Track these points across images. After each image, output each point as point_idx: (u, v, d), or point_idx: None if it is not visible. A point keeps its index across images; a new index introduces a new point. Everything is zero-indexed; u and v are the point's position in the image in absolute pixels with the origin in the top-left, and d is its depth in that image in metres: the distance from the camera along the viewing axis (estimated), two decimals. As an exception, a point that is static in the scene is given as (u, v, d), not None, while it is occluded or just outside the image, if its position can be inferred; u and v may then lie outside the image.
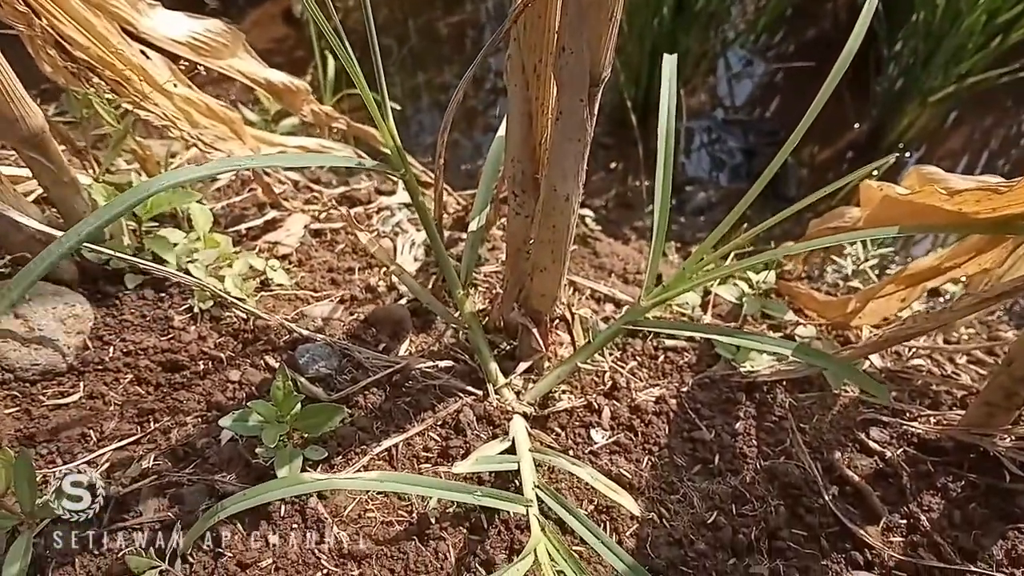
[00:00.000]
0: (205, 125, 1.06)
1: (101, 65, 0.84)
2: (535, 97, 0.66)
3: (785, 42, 2.65)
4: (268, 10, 2.54)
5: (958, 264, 0.83)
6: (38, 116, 0.75)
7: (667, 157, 0.78)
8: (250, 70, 0.99)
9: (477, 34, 2.68)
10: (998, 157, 2.45)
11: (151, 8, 0.84)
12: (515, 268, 0.83)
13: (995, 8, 1.84)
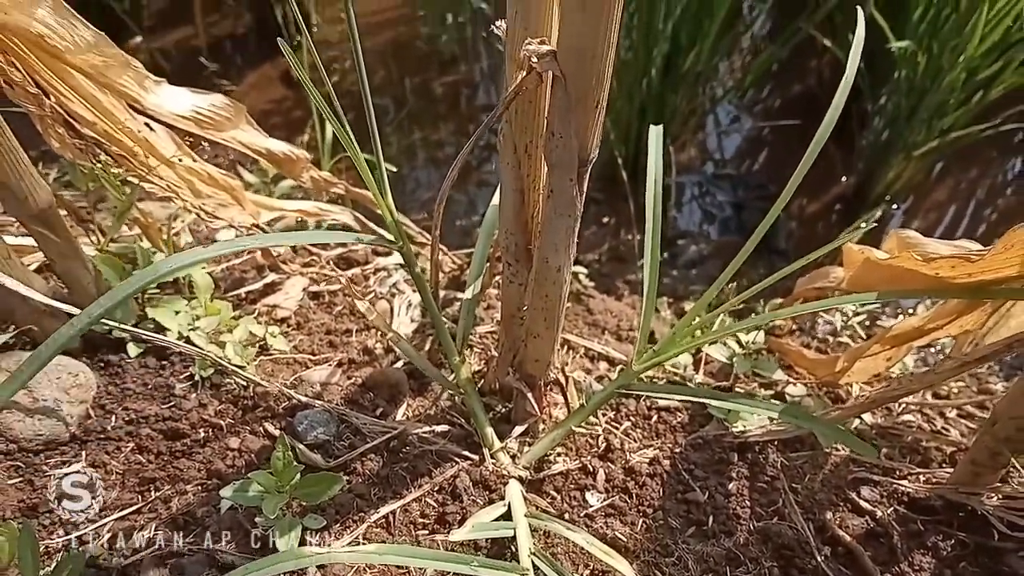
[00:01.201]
0: (207, 193, 1.09)
1: (107, 140, 0.87)
2: (527, 175, 0.69)
3: (772, 97, 2.72)
4: (267, 72, 2.60)
5: (940, 326, 0.85)
6: (46, 192, 0.78)
7: (655, 232, 0.80)
8: (251, 141, 1.02)
9: (471, 92, 2.74)
10: (985, 206, 2.50)
11: (157, 85, 0.87)
12: (510, 333, 0.85)
13: (975, 66, 1.89)
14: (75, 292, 0.88)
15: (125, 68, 0.83)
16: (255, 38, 2.65)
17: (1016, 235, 0.62)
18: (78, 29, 0.76)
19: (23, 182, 0.75)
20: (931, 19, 1.91)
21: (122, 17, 2.54)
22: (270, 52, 2.65)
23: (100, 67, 0.80)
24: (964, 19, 1.83)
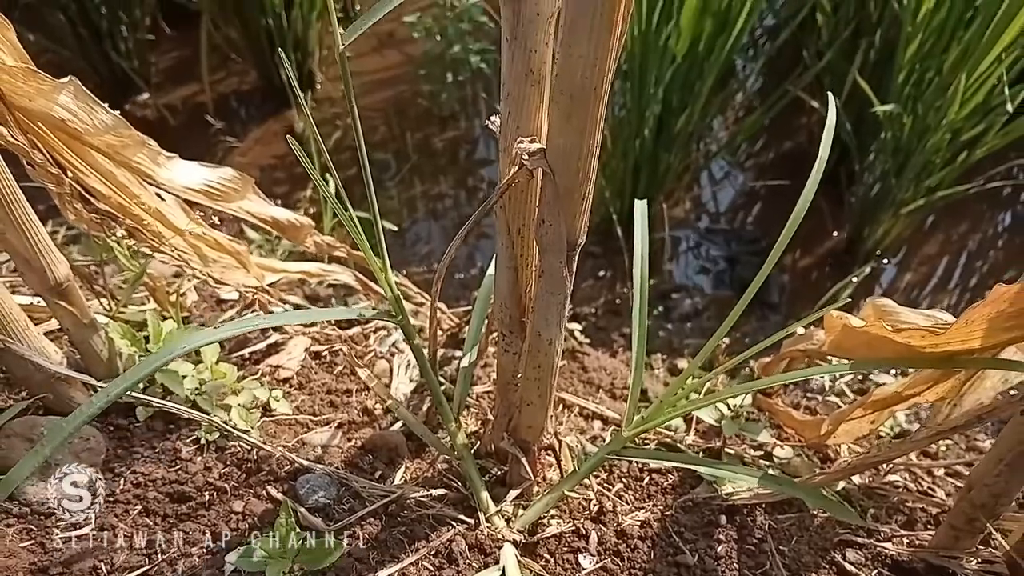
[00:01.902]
0: (214, 258, 1.13)
1: (121, 213, 0.92)
2: (520, 254, 0.73)
3: (764, 153, 2.78)
4: (271, 127, 2.67)
5: (918, 392, 0.88)
6: (64, 266, 0.82)
7: (642, 306, 0.84)
8: (258, 210, 1.07)
9: (471, 147, 2.81)
10: (976, 259, 2.55)
11: (169, 160, 0.92)
12: (505, 399, 0.88)
13: (958, 127, 1.95)
14: (87, 358, 0.91)
15: (140, 147, 0.88)
16: (260, 95, 2.73)
17: (976, 311, 0.66)
18: (97, 113, 0.81)
19: (43, 257, 0.79)
20: (915, 82, 1.98)
21: (130, 74, 2.61)
22: (274, 108, 2.72)
23: (117, 146, 0.85)
24: (947, 82, 1.89)
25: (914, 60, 1.91)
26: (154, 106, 2.63)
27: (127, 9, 2.47)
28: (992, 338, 0.67)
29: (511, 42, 0.56)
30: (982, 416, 0.74)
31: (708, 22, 1.88)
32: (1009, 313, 0.63)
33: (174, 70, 2.79)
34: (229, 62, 2.79)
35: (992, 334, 0.66)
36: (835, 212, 2.49)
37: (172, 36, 2.82)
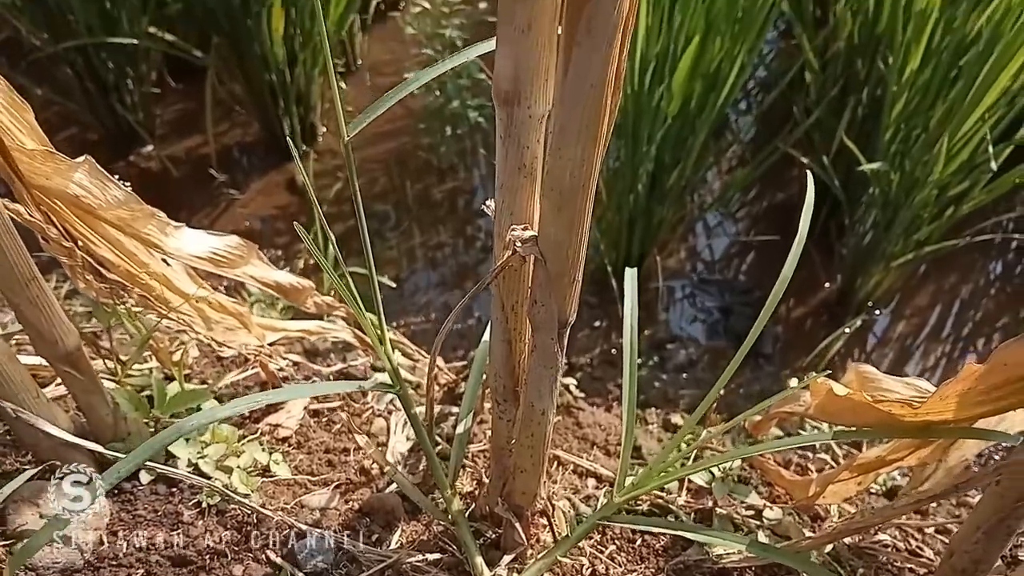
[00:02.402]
0: (216, 319, 1.16)
1: (130, 281, 0.95)
2: (513, 328, 0.76)
3: (757, 203, 2.83)
4: (272, 178, 2.72)
5: (901, 457, 0.91)
6: (74, 336, 0.85)
7: (631, 375, 0.87)
8: (261, 275, 1.10)
9: (469, 198, 2.86)
10: (968, 308, 2.58)
11: (177, 230, 0.96)
12: (499, 463, 0.91)
13: (945, 184, 2.00)
14: (93, 422, 0.94)
15: (150, 218, 0.91)
16: (262, 147, 2.78)
17: (950, 387, 0.69)
18: (110, 189, 0.85)
19: (54, 329, 0.82)
20: (902, 139, 2.03)
21: (135, 127, 2.66)
22: (276, 160, 2.77)
23: (128, 219, 0.89)
24: (933, 140, 1.94)
25: (900, 119, 1.97)
26: (158, 158, 2.68)
27: (134, 64, 2.53)
28: (965, 411, 0.70)
29: (505, 140, 0.60)
30: (958, 486, 0.76)
31: (699, 83, 1.94)
32: (980, 390, 0.66)
33: (178, 122, 2.85)
34: (232, 114, 2.85)
35: (965, 408, 0.69)
36: (827, 263, 2.53)
37: (177, 89, 2.88)
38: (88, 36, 2.33)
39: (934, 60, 1.90)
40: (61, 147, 2.35)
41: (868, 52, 2.15)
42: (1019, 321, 2.57)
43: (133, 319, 0.98)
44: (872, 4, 2.05)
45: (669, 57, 1.84)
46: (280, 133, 2.67)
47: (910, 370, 2.41)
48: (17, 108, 0.76)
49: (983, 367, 0.64)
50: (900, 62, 1.92)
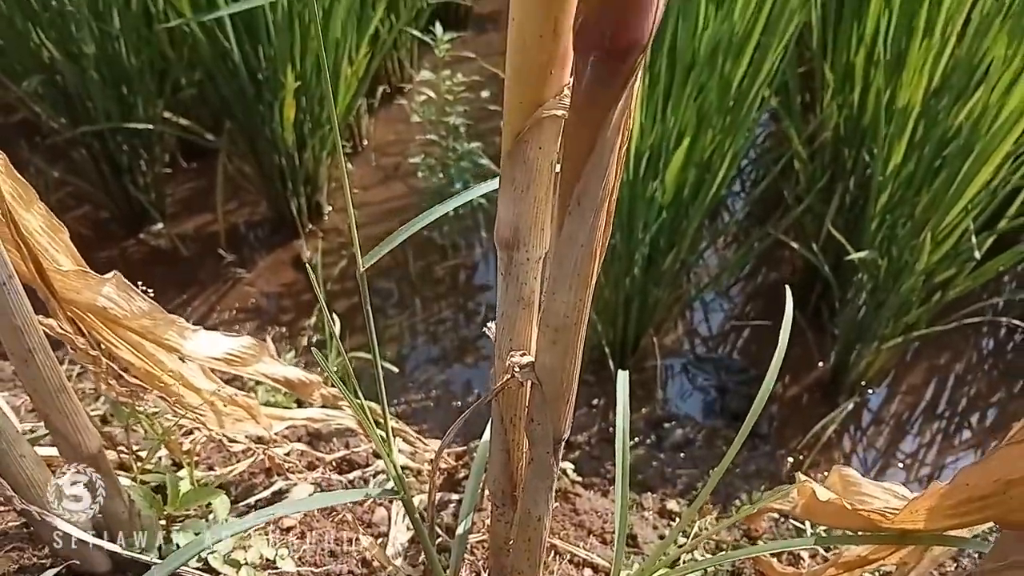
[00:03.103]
0: (227, 412, 1.21)
1: (148, 382, 1.00)
2: (512, 439, 0.81)
3: (751, 281, 2.90)
4: (279, 256, 2.79)
5: (882, 556, 0.95)
6: (96, 438, 0.90)
7: (624, 476, 0.91)
8: (272, 372, 1.15)
9: (470, 274, 2.93)
10: (960, 386, 2.63)
11: (195, 333, 1.01)
12: (497, 562, 0.95)
13: (931, 270, 2.07)
14: (108, 517, 0.98)
15: (170, 325, 0.97)
16: (269, 225, 2.86)
17: (919, 503, 0.74)
18: (135, 300, 0.90)
19: (79, 434, 0.86)
20: (888, 227, 2.10)
21: (147, 207, 2.75)
22: (282, 238, 2.84)
23: (150, 327, 0.94)
24: (918, 228, 2.01)
25: (886, 209, 2.05)
26: (168, 236, 2.76)
27: (148, 147, 2.62)
28: (935, 524, 0.74)
29: (506, 276, 0.66)
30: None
31: (692, 172, 2.02)
32: (945, 506, 0.70)
33: (188, 200, 2.94)
34: (241, 193, 2.94)
35: (934, 521, 0.73)
36: (820, 342, 2.58)
37: (188, 168, 2.98)
38: (105, 121, 2.43)
39: (917, 153, 1.98)
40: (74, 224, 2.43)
41: (854, 143, 2.24)
42: (1012, 397, 2.61)
43: (151, 421, 1.02)
44: (857, 98, 2.15)
45: (663, 151, 1.93)
46: (287, 212, 2.75)
47: (906, 448, 2.44)
48: (54, 230, 0.82)
49: (946, 486, 0.69)
50: (884, 155, 2.00)
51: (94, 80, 2.31)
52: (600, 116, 0.48)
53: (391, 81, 3.22)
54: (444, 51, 2.46)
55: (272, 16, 2.10)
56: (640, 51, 0.44)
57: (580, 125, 0.49)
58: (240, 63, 2.23)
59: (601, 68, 0.45)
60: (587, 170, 0.51)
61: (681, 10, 1.83)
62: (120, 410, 1.00)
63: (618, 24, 0.43)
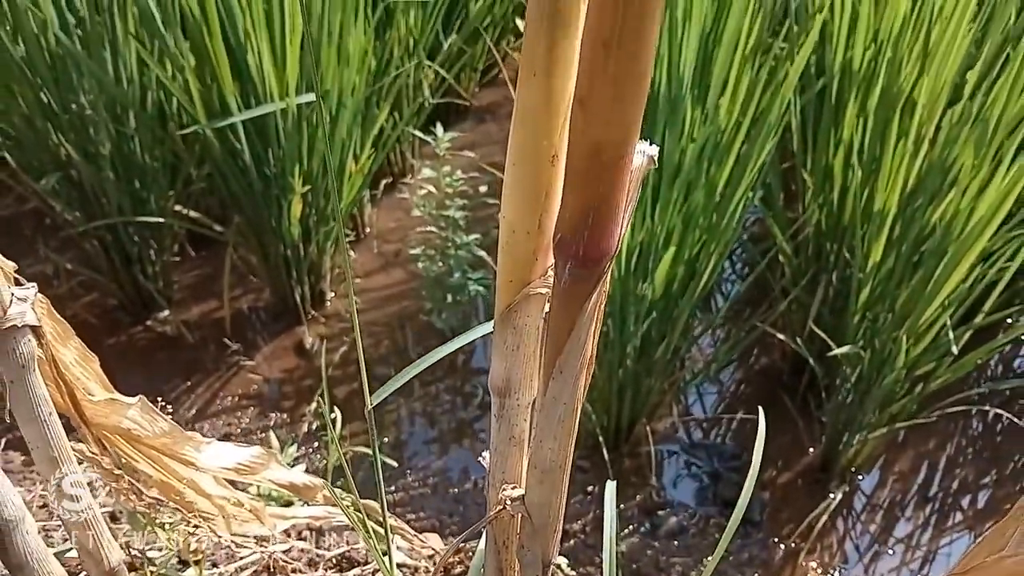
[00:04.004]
0: (234, 515, 1.27)
1: (164, 492, 1.07)
2: (505, 559, 0.87)
3: (742, 365, 2.97)
4: (282, 342, 2.87)
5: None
6: (117, 552, 0.96)
7: None
8: (278, 477, 1.21)
9: (468, 359, 3.01)
10: (951, 470, 2.68)
11: (208, 445, 1.08)
12: (492, 670, 0.99)
13: (913, 362, 2.14)
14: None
15: (187, 441, 1.04)
16: (273, 312, 2.94)
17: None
18: (158, 422, 0.98)
19: (102, 549, 0.93)
20: (870, 320, 2.19)
21: (155, 295, 2.83)
22: (285, 324, 2.92)
23: (169, 443, 1.01)
24: (899, 322, 2.10)
25: (866, 305, 2.13)
26: (174, 323, 2.84)
27: (158, 238, 2.73)
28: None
29: (499, 418, 0.73)
30: None
31: (680, 269, 2.12)
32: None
33: (194, 287, 3.03)
34: (245, 280, 3.03)
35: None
36: (810, 428, 2.64)
37: (194, 257, 3.08)
38: (119, 215, 2.54)
39: (895, 251, 2.08)
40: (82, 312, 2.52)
41: (836, 238, 2.34)
42: (1002, 480, 2.66)
43: (168, 532, 1.09)
44: (836, 198, 2.26)
45: (652, 250, 2.02)
46: (291, 299, 2.84)
47: (899, 533, 2.48)
48: (86, 360, 0.90)
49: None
50: (863, 253, 2.10)
51: (109, 178, 2.42)
52: (578, 305, 0.56)
53: (393, 172, 3.34)
54: (444, 149, 2.58)
55: (283, 123, 2.23)
56: (610, 259, 0.53)
57: (561, 310, 0.58)
58: (250, 163, 2.35)
59: (577, 272, 0.53)
60: (567, 347, 0.59)
61: (669, 120, 1.95)
62: (137, 520, 1.06)
63: (590, 241, 0.51)
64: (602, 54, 0.43)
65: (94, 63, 2.25)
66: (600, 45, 0.42)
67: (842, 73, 2.17)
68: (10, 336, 0.68)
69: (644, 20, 0.41)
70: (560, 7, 0.47)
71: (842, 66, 2.17)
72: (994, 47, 2.02)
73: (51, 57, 2.29)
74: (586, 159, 0.48)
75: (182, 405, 2.63)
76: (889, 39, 2.01)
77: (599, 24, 0.42)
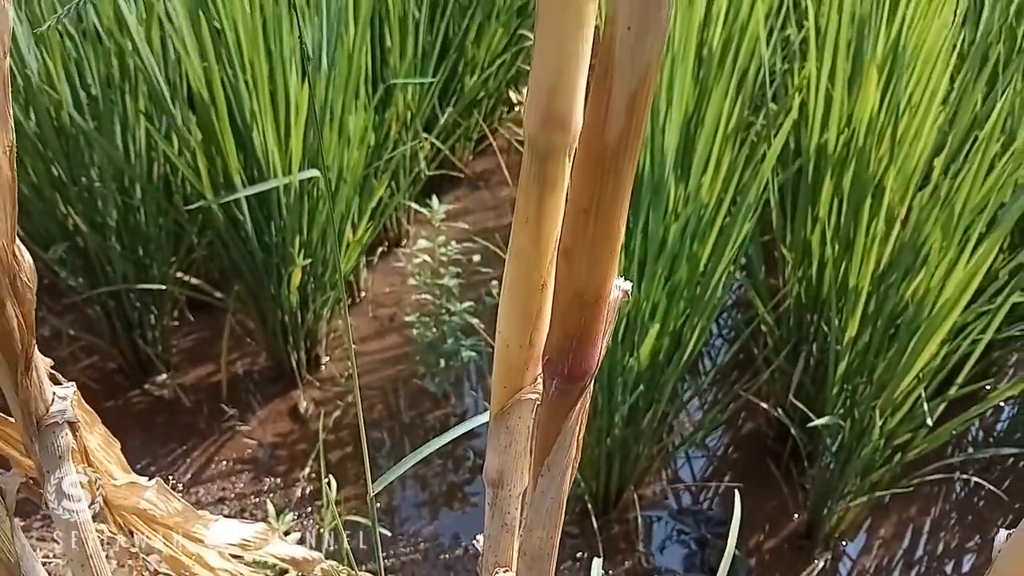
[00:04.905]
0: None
1: (174, 568, 1.12)
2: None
3: (731, 429, 3.03)
4: (276, 406, 2.92)
5: None
6: (129, 627, 1.01)
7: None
8: (279, 551, 1.27)
9: (460, 420, 3.05)
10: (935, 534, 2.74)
11: (216, 523, 1.14)
12: None
13: (890, 432, 2.22)
14: None
15: (198, 519, 1.10)
16: (269, 375, 3.00)
17: None
18: (172, 502, 1.04)
19: (115, 624, 0.98)
20: (849, 391, 2.27)
21: (154, 359, 2.89)
22: (280, 388, 2.98)
23: (180, 522, 1.07)
24: (877, 392, 2.18)
25: (844, 376, 2.22)
26: (171, 387, 2.89)
27: (159, 304, 2.80)
28: None
29: (492, 507, 0.80)
30: None
31: (665, 341, 2.20)
32: None
33: (192, 351, 3.09)
34: (242, 344, 3.09)
35: None
36: (794, 495, 2.70)
37: (193, 321, 3.14)
38: (123, 282, 2.61)
39: (871, 326, 2.17)
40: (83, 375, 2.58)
41: (815, 310, 2.43)
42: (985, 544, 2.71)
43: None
44: (815, 273, 2.36)
45: (638, 324, 2.11)
46: (287, 364, 2.90)
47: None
48: (109, 445, 0.97)
49: None
50: (840, 327, 2.19)
51: (115, 247, 2.50)
52: (563, 414, 0.64)
53: (389, 238, 3.44)
54: (440, 220, 2.68)
55: (285, 197, 2.32)
56: (592, 375, 0.61)
57: (549, 417, 0.66)
58: (252, 234, 2.44)
59: (562, 387, 0.62)
60: (554, 448, 0.67)
61: (653, 201, 2.06)
62: (146, 596, 1.11)
63: (574, 362, 0.60)
64: (583, 219, 0.51)
65: (104, 139, 2.35)
66: (581, 212, 0.51)
67: (817, 155, 2.29)
68: (50, 431, 0.75)
69: (617, 195, 0.50)
70: (547, 172, 0.56)
71: (817, 148, 2.29)
72: (960, 134, 2.14)
73: (63, 132, 2.39)
74: (569, 299, 0.56)
75: (178, 469, 2.67)
76: (861, 125, 2.13)
77: (579, 195, 0.51)
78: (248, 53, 2.24)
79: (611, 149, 0.48)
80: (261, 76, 2.27)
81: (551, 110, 0.53)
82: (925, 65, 2.11)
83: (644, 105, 0.46)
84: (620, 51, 0.44)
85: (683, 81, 2.05)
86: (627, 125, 0.47)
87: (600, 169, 0.49)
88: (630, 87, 0.45)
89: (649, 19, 0.43)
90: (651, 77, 0.45)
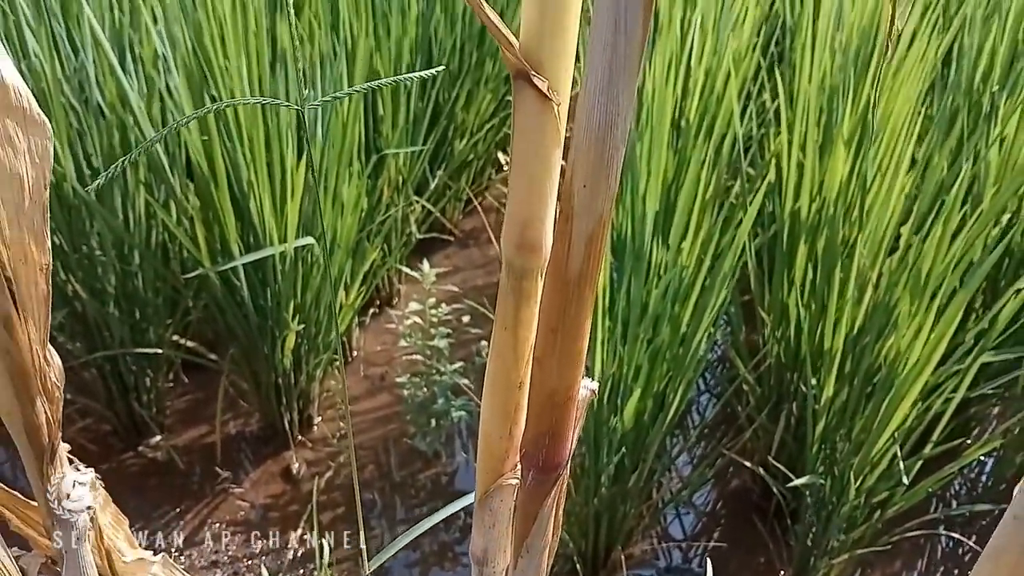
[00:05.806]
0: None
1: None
2: None
3: (718, 485, 3.08)
4: (268, 468, 2.96)
5: None
6: None
7: None
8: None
9: (450, 481, 3.10)
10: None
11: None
12: None
13: (870, 489, 2.28)
14: None
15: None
16: (261, 436, 3.05)
17: None
18: (175, 574, 1.09)
19: None
20: (828, 449, 2.33)
21: (148, 421, 2.94)
22: (273, 449, 3.02)
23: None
24: (855, 450, 2.24)
25: (823, 436, 2.28)
26: (165, 448, 2.93)
27: (154, 367, 2.85)
28: None
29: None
30: None
31: (648, 402, 2.27)
32: None
33: (185, 412, 3.13)
34: (236, 405, 3.14)
35: None
36: (779, 551, 2.74)
37: (187, 383, 3.19)
38: (119, 346, 2.67)
39: (847, 386, 2.25)
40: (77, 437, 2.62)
41: (795, 369, 2.51)
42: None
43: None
44: (792, 334, 2.44)
45: (622, 387, 2.18)
46: (280, 425, 2.95)
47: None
48: (119, 523, 1.03)
49: None
50: (817, 387, 2.27)
51: (112, 312, 2.56)
52: (540, 500, 0.71)
53: (380, 297, 3.51)
54: (431, 283, 2.76)
55: (281, 264, 2.40)
56: (564, 466, 0.68)
57: (527, 503, 0.73)
58: (248, 298, 2.51)
59: (538, 477, 0.69)
60: (532, 531, 0.74)
61: (634, 267, 2.14)
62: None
63: (547, 455, 0.67)
64: (551, 336, 0.59)
65: (106, 210, 2.43)
66: (550, 330, 0.59)
67: (792, 220, 2.39)
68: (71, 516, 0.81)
69: (580, 315, 0.58)
70: (523, 287, 0.64)
71: (791, 214, 2.39)
72: (928, 198, 2.24)
73: (64, 202, 2.47)
74: (542, 400, 0.64)
75: (171, 531, 2.70)
76: (831, 193, 2.23)
77: (549, 316, 0.59)
78: (247, 126, 2.34)
79: (573, 280, 0.56)
80: (259, 148, 2.36)
81: (524, 239, 0.61)
82: (892, 135, 2.23)
83: (600, 244, 0.54)
84: (578, 203, 0.53)
85: (661, 150, 2.16)
86: (586, 260, 0.55)
87: (564, 296, 0.57)
88: (587, 231, 0.54)
89: (600, 179, 0.51)
90: (605, 222, 0.54)
